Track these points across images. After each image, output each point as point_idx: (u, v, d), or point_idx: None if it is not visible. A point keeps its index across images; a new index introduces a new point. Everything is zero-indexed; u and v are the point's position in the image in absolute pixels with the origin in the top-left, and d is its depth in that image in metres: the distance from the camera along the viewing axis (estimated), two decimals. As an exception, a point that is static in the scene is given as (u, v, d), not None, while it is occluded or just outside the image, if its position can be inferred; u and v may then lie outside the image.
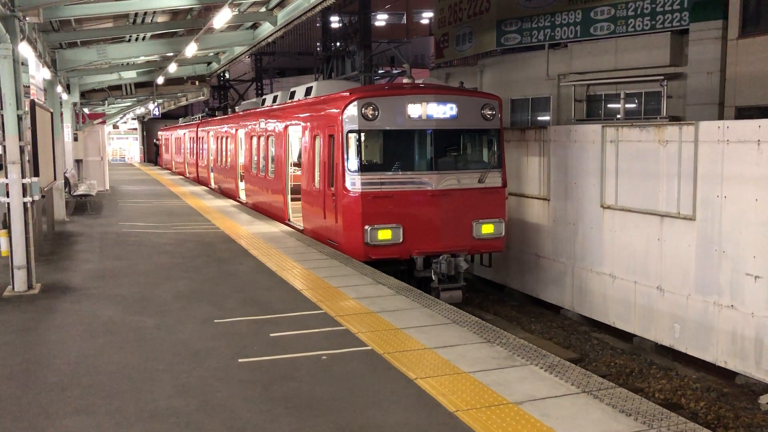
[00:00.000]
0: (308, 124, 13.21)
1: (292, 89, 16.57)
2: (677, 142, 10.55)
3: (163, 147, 44.99)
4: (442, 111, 11.43)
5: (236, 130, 20.71)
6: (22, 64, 9.18)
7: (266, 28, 17.37)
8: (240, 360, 6.12)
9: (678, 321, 10.60)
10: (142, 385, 5.57)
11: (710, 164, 10.04)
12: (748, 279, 9.47)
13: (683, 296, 10.48)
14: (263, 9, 16.31)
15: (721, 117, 16.33)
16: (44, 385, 5.60)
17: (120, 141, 57.60)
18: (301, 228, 13.76)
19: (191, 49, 16.62)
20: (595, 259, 12.29)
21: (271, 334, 6.84)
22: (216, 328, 7.11)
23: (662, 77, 18.40)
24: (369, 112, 11.11)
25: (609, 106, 20.78)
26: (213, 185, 25.50)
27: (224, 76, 42.81)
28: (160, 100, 35.25)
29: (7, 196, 8.57)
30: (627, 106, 19.94)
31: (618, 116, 20.04)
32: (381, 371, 5.79)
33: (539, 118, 23.12)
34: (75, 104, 22.05)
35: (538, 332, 12.38)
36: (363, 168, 11.18)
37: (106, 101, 29.22)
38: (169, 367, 5.99)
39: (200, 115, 35.68)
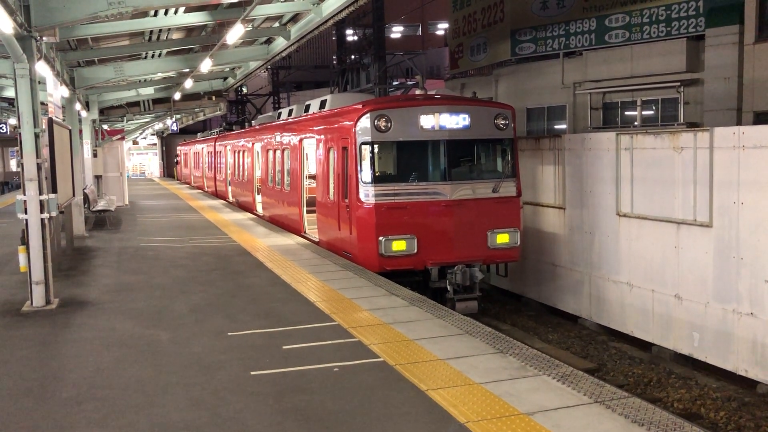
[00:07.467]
0: (322, 136, 13.28)
1: (307, 102, 16.70)
2: (692, 148, 10.46)
3: (182, 161, 45.48)
4: (455, 121, 11.44)
5: (252, 143, 20.87)
6: (40, 82, 9.33)
7: (280, 43, 17.53)
8: (252, 372, 6.14)
9: (697, 329, 10.46)
10: (156, 398, 5.61)
11: (726, 170, 9.92)
12: (767, 286, 9.34)
13: (702, 304, 10.35)
14: (276, 24, 16.46)
15: (739, 122, 16.16)
16: (59, 399, 5.66)
17: (140, 156, 58.33)
18: (317, 240, 13.81)
19: (206, 65, 16.80)
20: (612, 268, 12.19)
21: (284, 347, 6.87)
22: (229, 341, 7.14)
23: (679, 83, 18.27)
24: (382, 123, 11.15)
25: (626, 113, 20.65)
26: (231, 199, 25.69)
27: (241, 90, 43.26)
28: (178, 116, 35.58)
29: (26, 213, 8.70)
30: (644, 113, 19.81)
31: (635, 123, 19.91)
32: (392, 383, 5.78)
33: (555, 127, 23.03)
34: (94, 121, 22.35)
35: (556, 342, 12.28)
36: (377, 179, 11.20)
37: (125, 117, 29.59)
38: (183, 380, 6.03)
39: (218, 130, 36.03)
